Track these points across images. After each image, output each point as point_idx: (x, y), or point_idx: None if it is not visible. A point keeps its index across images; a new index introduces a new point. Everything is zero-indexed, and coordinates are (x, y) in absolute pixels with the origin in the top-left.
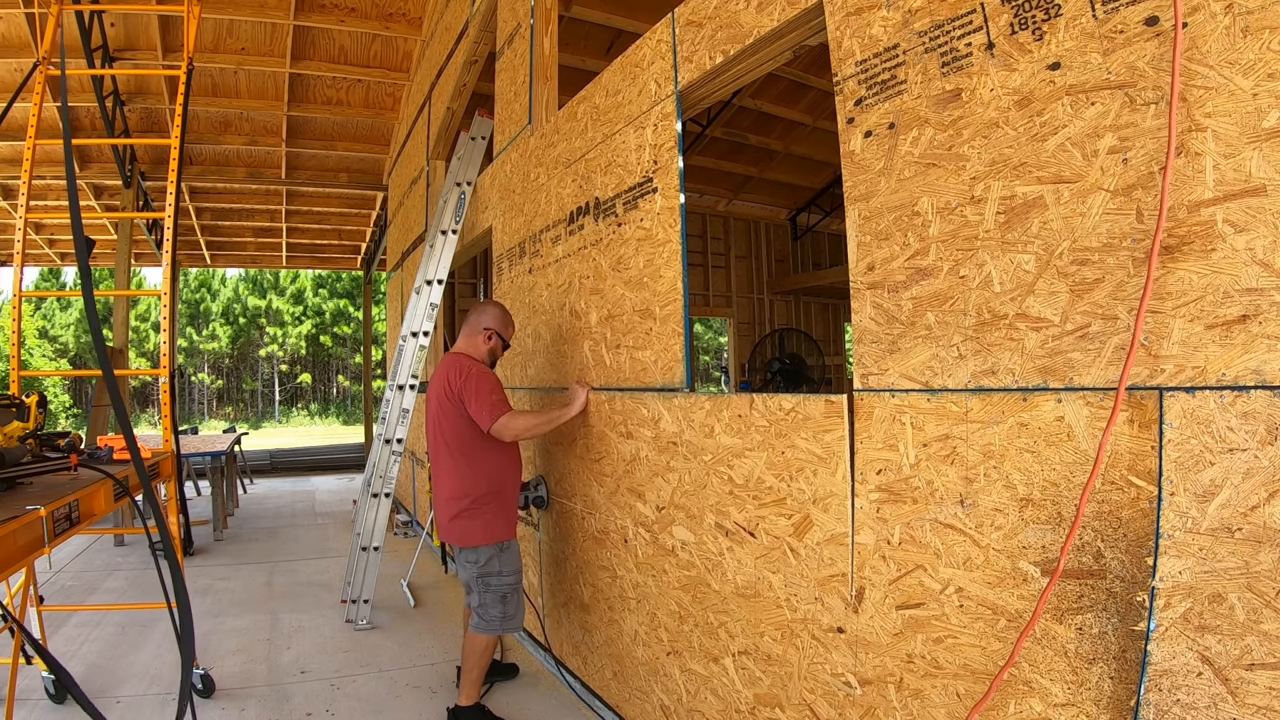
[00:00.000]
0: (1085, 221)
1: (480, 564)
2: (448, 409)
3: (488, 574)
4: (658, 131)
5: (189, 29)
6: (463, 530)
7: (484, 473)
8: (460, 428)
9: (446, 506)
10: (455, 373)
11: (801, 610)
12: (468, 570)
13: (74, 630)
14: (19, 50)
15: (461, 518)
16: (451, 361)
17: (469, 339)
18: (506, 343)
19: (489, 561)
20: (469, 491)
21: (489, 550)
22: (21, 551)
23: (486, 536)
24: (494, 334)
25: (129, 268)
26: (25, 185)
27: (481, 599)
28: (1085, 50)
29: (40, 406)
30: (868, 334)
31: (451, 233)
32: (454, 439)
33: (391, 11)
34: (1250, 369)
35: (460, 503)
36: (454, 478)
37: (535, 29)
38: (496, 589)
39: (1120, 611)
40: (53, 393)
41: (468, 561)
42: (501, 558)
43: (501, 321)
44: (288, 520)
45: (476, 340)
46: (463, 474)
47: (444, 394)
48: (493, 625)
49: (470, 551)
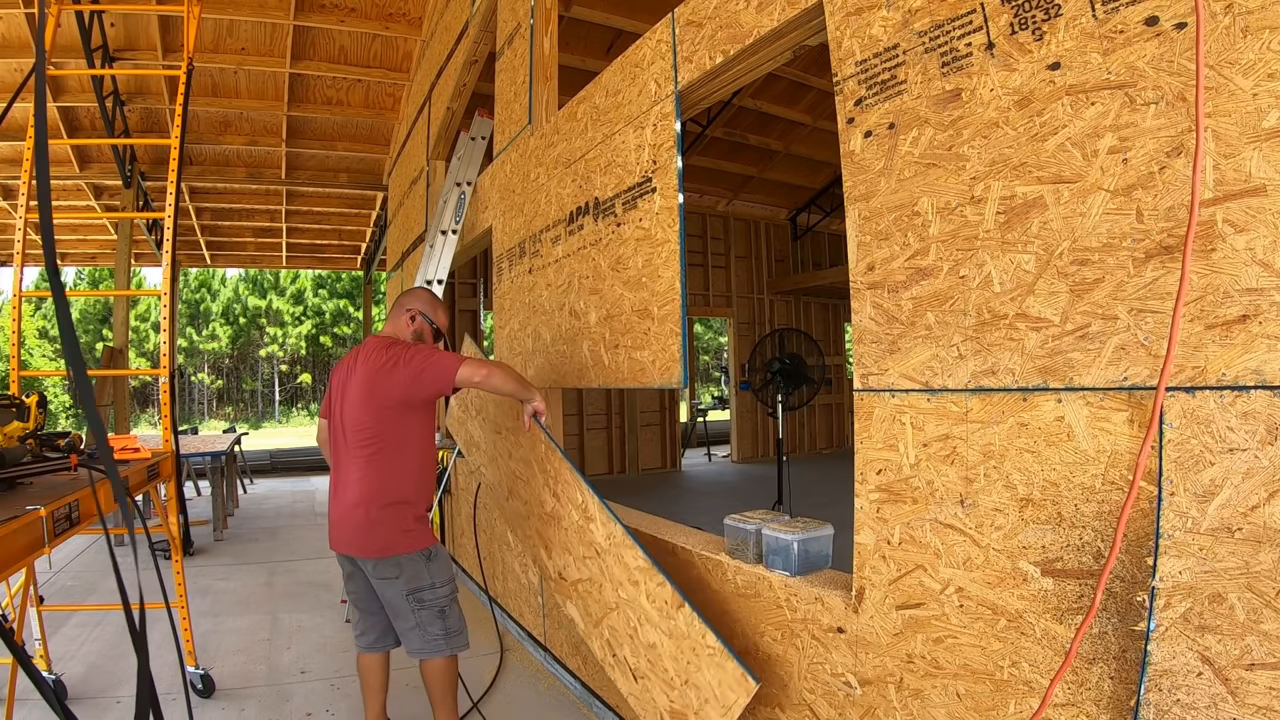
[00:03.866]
0: (1085, 221)
1: (406, 578)
2: (373, 396)
3: (419, 589)
4: (657, 131)
5: (189, 29)
6: (380, 539)
7: (409, 471)
8: (386, 417)
9: (354, 513)
10: (381, 352)
11: (801, 610)
12: (390, 589)
13: (74, 630)
14: (19, 50)
15: (377, 525)
16: (372, 344)
17: (393, 322)
18: (438, 329)
19: (417, 574)
20: (387, 493)
21: (415, 560)
22: (21, 551)
23: (409, 544)
24: (418, 314)
25: (129, 268)
26: (25, 185)
27: (417, 618)
28: (1085, 50)
29: (40, 406)
30: (868, 334)
31: (451, 233)
32: (374, 432)
33: (391, 11)
34: (1250, 369)
35: (372, 507)
36: (369, 479)
37: (535, 29)
38: (432, 604)
39: (1120, 611)
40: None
41: (387, 578)
42: (431, 567)
43: (430, 304)
44: (288, 520)
45: (399, 323)
46: (382, 473)
47: (368, 379)
48: (437, 644)
49: (388, 564)
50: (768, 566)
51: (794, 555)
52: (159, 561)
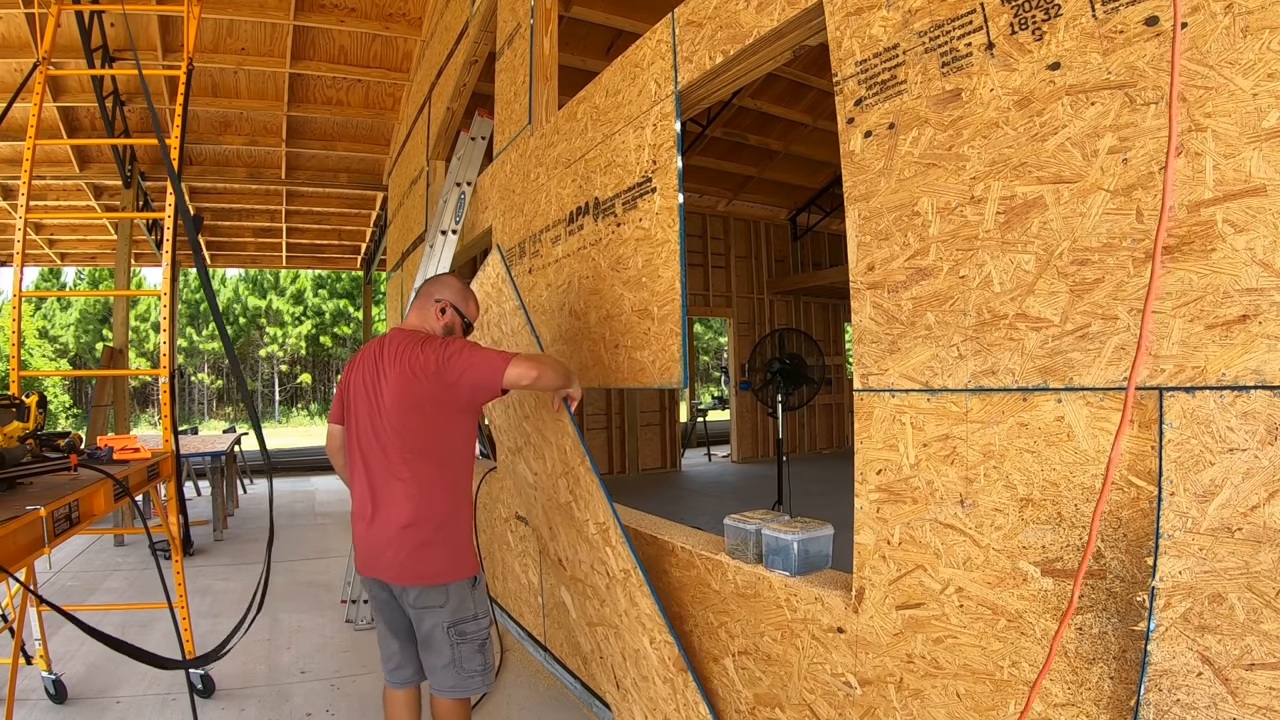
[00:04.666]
0: (1085, 221)
1: (451, 608)
2: (416, 400)
3: (461, 620)
4: (657, 131)
5: (189, 29)
6: (430, 565)
7: (460, 484)
8: (434, 423)
9: (404, 537)
10: (415, 349)
11: (801, 610)
12: (430, 619)
13: (74, 630)
14: (19, 50)
15: (425, 548)
16: (399, 339)
17: (419, 313)
18: (468, 322)
19: (462, 604)
20: (439, 511)
21: (462, 588)
22: (21, 551)
23: (458, 571)
24: (449, 306)
25: (129, 268)
26: (25, 185)
27: (455, 653)
28: (1085, 50)
29: (40, 406)
30: (868, 334)
31: (451, 233)
32: (422, 441)
33: (391, 11)
34: (1250, 369)
35: (425, 528)
36: (420, 495)
37: (535, 29)
38: (474, 637)
39: (1120, 611)
40: (53, 393)
41: (430, 606)
42: (474, 596)
43: (461, 295)
44: (288, 520)
45: (428, 314)
46: (433, 487)
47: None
48: (474, 682)
49: (435, 592)
50: (768, 566)
51: (794, 555)
52: (159, 561)
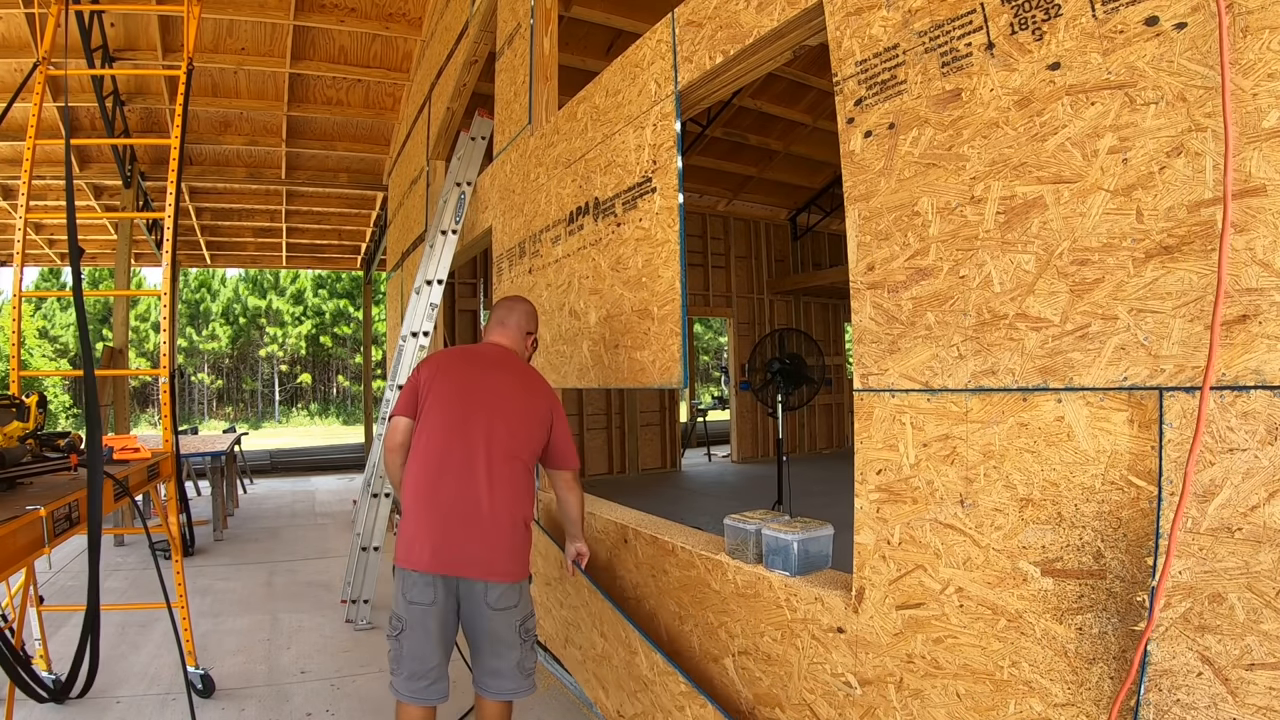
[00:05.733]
0: (1085, 221)
1: (521, 606)
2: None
3: (526, 617)
4: (657, 131)
5: (189, 29)
6: (516, 561)
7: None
8: (536, 436)
9: (495, 523)
10: (538, 379)
11: (801, 610)
12: (505, 618)
13: (74, 630)
14: (19, 50)
15: (519, 547)
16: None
17: (512, 335)
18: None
19: (527, 601)
20: (526, 512)
21: (526, 587)
22: (21, 551)
23: (525, 569)
24: (535, 341)
25: (129, 268)
26: (25, 185)
27: (522, 654)
28: (1085, 50)
29: (40, 406)
30: (868, 334)
31: (451, 233)
32: (529, 451)
33: (391, 11)
34: (1250, 369)
35: (520, 529)
36: (512, 492)
37: (535, 29)
38: (532, 632)
39: (1120, 611)
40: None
41: (508, 606)
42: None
43: (536, 325)
44: (288, 520)
45: (519, 340)
46: (524, 489)
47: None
48: (529, 683)
49: (513, 591)
50: (768, 566)
51: (794, 555)
52: (159, 561)
